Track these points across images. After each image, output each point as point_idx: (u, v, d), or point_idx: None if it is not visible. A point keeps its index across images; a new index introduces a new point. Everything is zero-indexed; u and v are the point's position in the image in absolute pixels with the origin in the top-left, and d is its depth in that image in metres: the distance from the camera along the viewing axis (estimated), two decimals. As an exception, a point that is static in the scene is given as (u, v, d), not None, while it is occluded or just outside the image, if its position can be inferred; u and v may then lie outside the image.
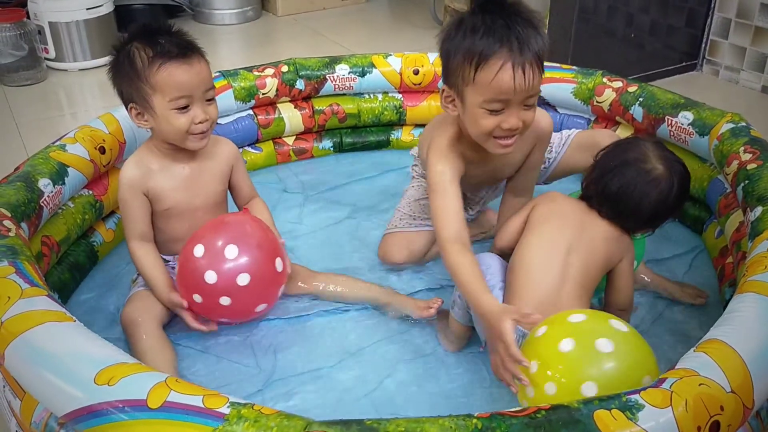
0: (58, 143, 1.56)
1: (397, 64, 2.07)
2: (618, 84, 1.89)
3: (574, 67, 2.00)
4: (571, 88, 1.94)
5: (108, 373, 0.94)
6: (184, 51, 1.34)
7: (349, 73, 2.05)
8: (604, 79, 1.91)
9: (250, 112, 2.02)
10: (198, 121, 1.36)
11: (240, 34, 3.56)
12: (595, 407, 0.88)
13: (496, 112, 1.26)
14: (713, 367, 0.94)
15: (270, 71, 2.01)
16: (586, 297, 1.28)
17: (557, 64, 2.02)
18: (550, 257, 1.28)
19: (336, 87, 2.07)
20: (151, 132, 1.43)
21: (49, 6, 2.91)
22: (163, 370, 1.00)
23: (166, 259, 1.48)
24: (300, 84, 2.03)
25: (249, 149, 2.05)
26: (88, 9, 2.96)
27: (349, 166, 2.10)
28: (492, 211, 1.71)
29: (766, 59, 2.72)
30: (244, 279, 1.31)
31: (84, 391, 0.94)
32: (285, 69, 2.02)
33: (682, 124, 1.70)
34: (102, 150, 1.61)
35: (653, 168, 1.28)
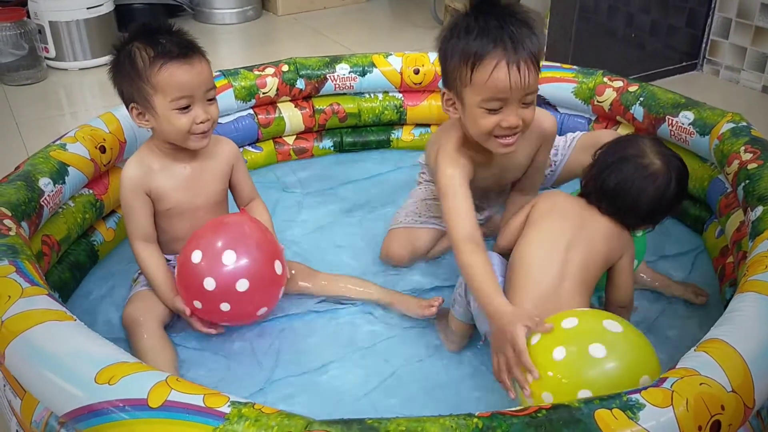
0: (58, 142, 1.56)
1: (397, 63, 2.07)
2: (618, 84, 1.89)
3: (575, 66, 2.00)
4: (571, 88, 1.94)
5: (108, 372, 0.94)
6: (185, 51, 1.34)
7: (349, 72, 2.05)
8: (605, 79, 1.91)
9: (251, 112, 2.02)
10: (199, 121, 1.36)
11: (240, 34, 3.56)
12: (596, 407, 0.88)
13: (495, 111, 1.28)
14: (714, 366, 0.94)
15: (270, 70, 2.01)
16: (586, 293, 1.28)
17: (558, 64, 2.02)
18: (549, 253, 1.28)
19: (336, 86, 2.06)
20: (152, 132, 1.43)
21: (49, 5, 2.91)
22: (163, 370, 0.99)
23: (168, 258, 1.48)
24: (300, 83, 2.03)
25: (249, 149, 2.05)
26: (88, 8, 2.96)
27: (349, 165, 2.10)
28: (498, 216, 1.71)
29: (766, 59, 2.71)
30: (243, 285, 1.31)
31: (84, 390, 0.94)
32: (285, 68, 2.02)
33: (683, 124, 1.70)
34: (102, 149, 1.61)
35: (651, 163, 1.29)
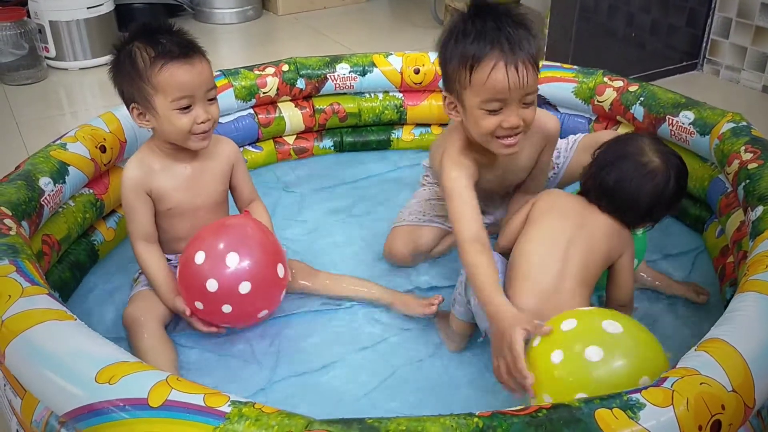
0: (58, 142, 1.56)
1: (397, 63, 2.07)
2: (619, 83, 1.88)
3: (575, 66, 2.00)
4: (571, 88, 1.94)
5: (109, 371, 0.94)
6: (186, 51, 1.34)
7: (349, 72, 2.05)
8: (605, 79, 1.91)
9: (251, 111, 2.02)
10: (200, 121, 1.36)
11: (240, 33, 3.56)
12: (596, 406, 0.88)
13: (495, 112, 1.29)
14: (714, 366, 0.94)
15: (271, 70, 2.01)
16: (586, 291, 1.28)
17: (558, 64, 2.02)
18: (550, 250, 1.29)
19: (337, 86, 2.06)
20: (153, 132, 1.42)
21: (49, 5, 2.90)
22: (164, 370, 0.99)
23: (169, 258, 1.48)
24: (301, 83, 2.03)
25: (249, 148, 2.05)
26: (88, 8, 2.96)
27: (349, 165, 2.10)
28: (503, 220, 1.71)
29: (766, 59, 2.71)
30: (245, 287, 1.31)
31: (85, 389, 0.94)
32: (286, 68, 2.02)
33: (683, 124, 1.70)
34: (103, 149, 1.61)
35: (649, 161, 1.29)
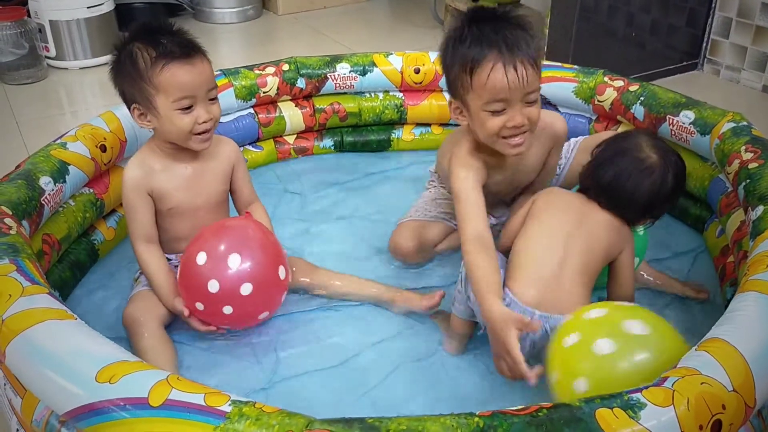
0: (59, 141, 1.56)
1: (398, 62, 2.07)
2: (619, 83, 1.88)
3: (576, 66, 2.00)
4: (572, 87, 1.94)
5: (109, 371, 0.94)
6: (187, 51, 1.34)
7: (350, 71, 2.05)
8: (606, 78, 1.91)
9: (251, 111, 2.02)
10: (201, 121, 1.36)
11: (241, 33, 3.56)
12: (597, 406, 0.88)
13: (499, 113, 1.31)
14: (715, 365, 0.94)
15: (271, 70, 2.01)
16: (587, 286, 1.29)
17: (558, 63, 2.02)
18: (550, 244, 1.29)
19: (337, 86, 2.06)
20: (154, 132, 1.42)
21: (49, 4, 2.90)
22: (164, 370, 0.99)
23: (169, 257, 1.48)
24: (301, 83, 2.03)
25: (250, 148, 2.05)
26: (88, 7, 2.96)
27: (349, 164, 2.10)
28: None
29: (767, 59, 2.71)
30: (246, 288, 1.31)
31: (85, 389, 0.94)
32: (286, 68, 2.02)
33: (684, 124, 1.69)
34: (103, 148, 1.61)
35: (647, 157, 1.30)
